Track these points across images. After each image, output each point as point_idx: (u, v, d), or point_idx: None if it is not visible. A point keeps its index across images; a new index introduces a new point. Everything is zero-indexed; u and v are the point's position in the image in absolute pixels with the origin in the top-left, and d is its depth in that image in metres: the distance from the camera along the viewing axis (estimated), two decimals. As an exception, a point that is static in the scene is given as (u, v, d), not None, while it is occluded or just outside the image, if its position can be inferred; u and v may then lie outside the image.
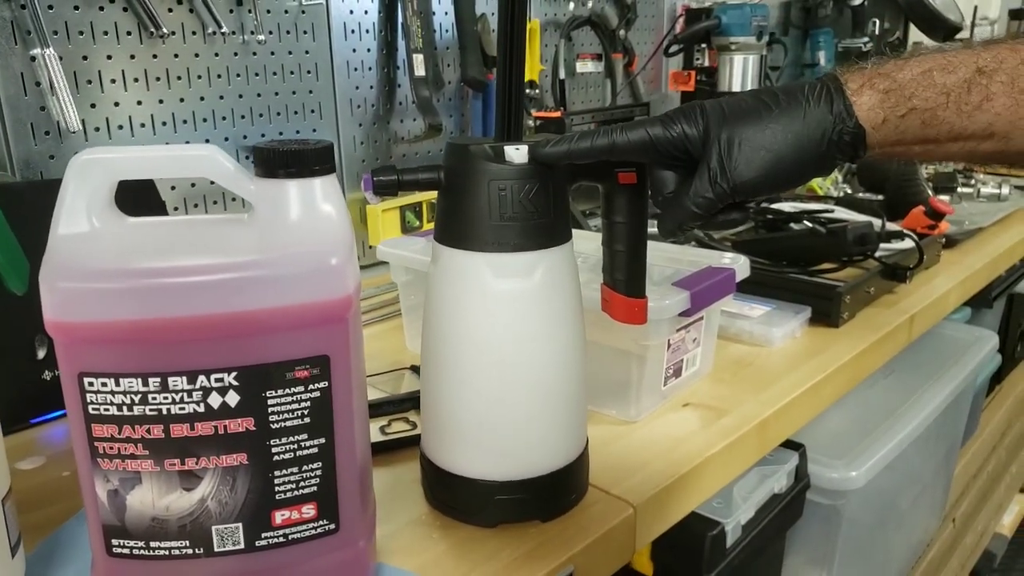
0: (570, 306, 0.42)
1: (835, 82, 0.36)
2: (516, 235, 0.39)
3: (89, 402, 0.32)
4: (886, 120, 0.36)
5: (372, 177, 0.40)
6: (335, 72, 0.87)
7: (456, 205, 0.40)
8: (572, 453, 0.44)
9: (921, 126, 0.36)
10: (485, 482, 0.42)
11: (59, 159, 0.69)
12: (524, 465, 0.42)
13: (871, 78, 0.36)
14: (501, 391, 0.41)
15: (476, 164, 0.38)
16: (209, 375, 0.33)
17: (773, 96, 0.37)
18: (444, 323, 0.41)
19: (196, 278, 0.32)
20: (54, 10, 0.67)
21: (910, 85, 0.35)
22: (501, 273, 0.39)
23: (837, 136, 0.36)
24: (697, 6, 1.20)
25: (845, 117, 0.35)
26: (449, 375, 0.42)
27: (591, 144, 0.38)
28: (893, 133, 0.36)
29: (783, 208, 0.92)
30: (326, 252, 0.34)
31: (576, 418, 0.44)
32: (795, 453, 0.64)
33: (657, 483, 0.48)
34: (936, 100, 0.35)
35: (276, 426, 0.34)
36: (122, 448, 0.33)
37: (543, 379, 0.41)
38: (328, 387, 0.34)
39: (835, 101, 0.36)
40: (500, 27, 0.38)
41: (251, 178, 0.35)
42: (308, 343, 0.34)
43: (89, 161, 0.34)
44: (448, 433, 0.43)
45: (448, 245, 0.40)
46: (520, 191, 0.38)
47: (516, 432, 0.42)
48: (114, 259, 0.33)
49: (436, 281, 0.42)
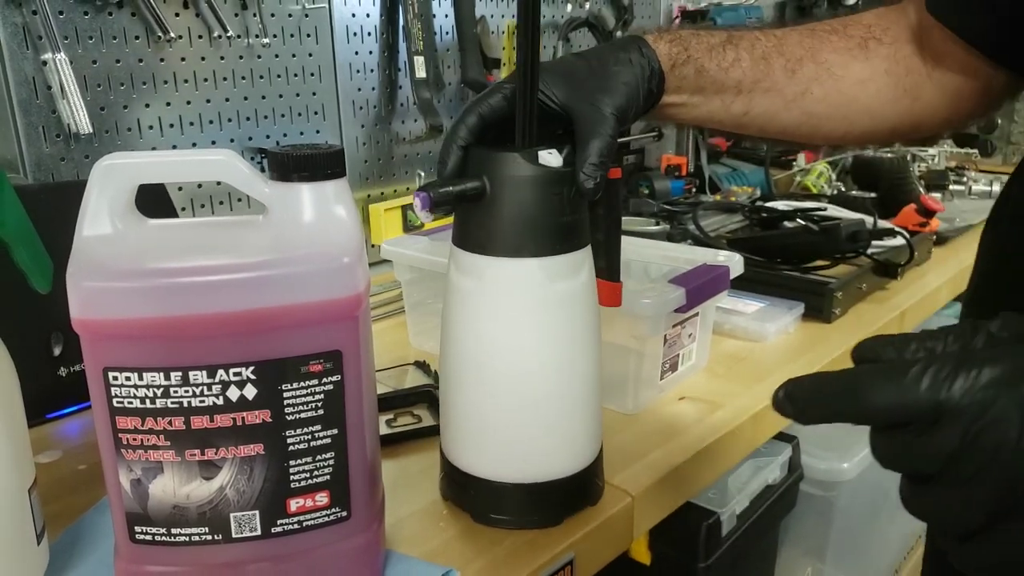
0: (596, 301, 0.43)
1: (639, 38, 0.44)
2: (567, 236, 0.40)
3: (113, 395, 0.34)
4: (675, 66, 0.44)
5: (429, 194, 0.38)
6: (338, 74, 0.88)
7: (504, 214, 0.39)
8: (597, 449, 0.45)
9: (695, 75, 0.44)
10: (547, 483, 0.42)
11: (70, 162, 0.71)
12: (575, 460, 0.43)
13: (661, 34, 0.44)
14: (549, 391, 0.41)
15: (528, 172, 0.38)
16: (228, 369, 0.34)
17: (600, 55, 0.42)
18: (493, 333, 0.41)
19: (215, 277, 0.34)
20: (64, 16, 0.69)
21: (686, 38, 0.45)
22: (555, 275, 0.40)
23: (648, 78, 0.42)
24: (693, 8, 1.22)
25: (652, 61, 0.43)
26: (493, 383, 0.41)
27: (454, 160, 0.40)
28: (677, 79, 0.44)
29: (777, 206, 0.94)
30: (338, 252, 0.36)
31: (599, 412, 0.45)
32: (788, 445, 0.66)
33: (654, 473, 0.50)
34: (703, 53, 0.44)
35: (291, 418, 0.36)
36: (145, 439, 0.35)
37: (585, 376, 0.42)
38: (340, 380, 0.36)
39: (643, 50, 0.43)
40: (519, 38, 0.38)
41: (266, 181, 0.37)
42: (321, 339, 0.35)
43: (111, 166, 0.35)
44: (492, 442, 0.42)
45: (493, 255, 0.39)
46: (570, 192, 0.39)
47: (562, 433, 0.42)
48: (136, 259, 0.35)
49: (477, 293, 0.40)
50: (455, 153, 0.40)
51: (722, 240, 0.85)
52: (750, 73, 0.45)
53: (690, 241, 0.85)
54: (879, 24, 0.47)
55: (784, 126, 0.48)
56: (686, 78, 0.44)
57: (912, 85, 0.46)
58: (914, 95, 0.46)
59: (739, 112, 0.46)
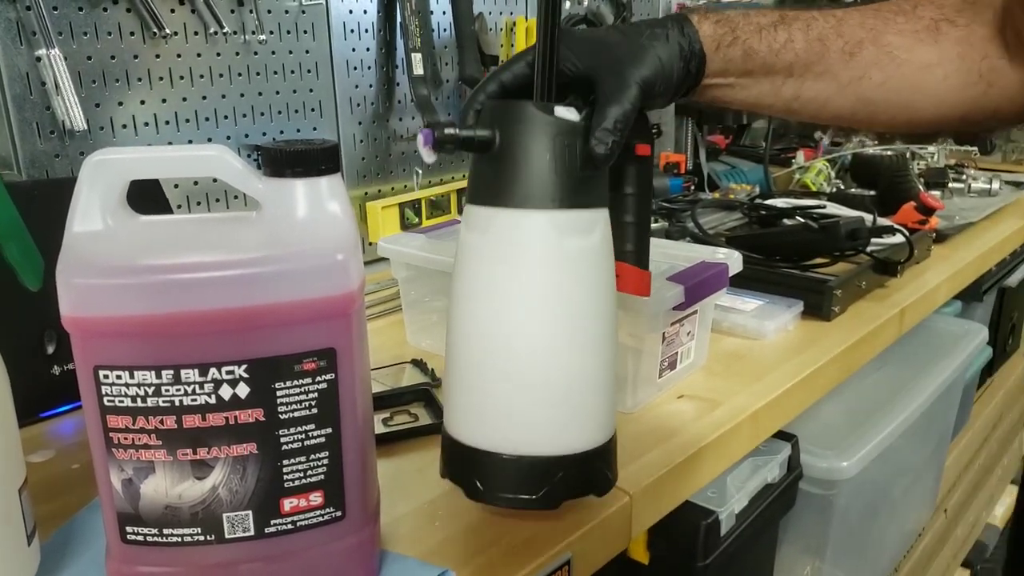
0: (612, 269, 0.41)
1: (682, 16, 0.42)
2: (580, 192, 0.38)
3: (104, 394, 0.34)
4: (719, 47, 0.42)
5: (433, 132, 0.37)
6: (335, 71, 0.88)
7: (512, 164, 0.37)
8: (608, 432, 0.42)
9: (743, 57, 0.42)
10: (552, 457, 0.39)
11: (64, 158, 0.70)
12: (583, 436, 0.40)
13: (707, 14, 0.43)
14: (554, 356, 0.38)
15: (540, 120, 0.37)
16: (220, 367, 0.34)
17: (637, 28, 0.41)
18: (496, 286, 0.38)
19: (207, 274, 0.34)
20: (59, 11, 0.68)
21: (734, 19, 0.43)
22: (565, 231, 0.37)
23: (687, 58, 0.41)
24: (692, 4, 1.21)
25: (693, 41, 0.41)
26: (494, 345, 0.38)
27: (484, 95, 0.40)
28: (722, 61, 0.42)
29: (776, 204, 0.93)
30: (332, 249, 0.35)
31: (612, 391, 0.42)
32: (787, 444, 0.66)
33: (653, 472, 0.50)
34: (752, 34, 0.42)
35: (284, 417, 0.35)
36: (136, 439, 0.34)
37: (597, 344, 0.39)
38: (334, 379, 0.36)
39: (685, 29, 0.41)
40: (540, 11, 0.37)
41: (259, 177, 0.37)
42: (315, 336, 0.35)
43: (102, 161, 0.35)
44: (495, 408, 0.39)
45: (500, 206, 0.37)
46: (582, 147, 0.37)
47: (568, 404, 0.39)
48: (127, 256, 0.34)
49: (482, 245, 0.38)
50: (471, 117, 0.40)
51: (721, 238, 0.85)
52: (803, 55, 0.43)
53: (689, 239, 0.84)
54: (954, 4, 0.44)
55: (838, 112, 0.45)
56: (732, 60, 0.42)
57: (988, 70, 0.43)
58: (989, 80, 0.43)
59: (789, 96, 0.44)
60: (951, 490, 1.16)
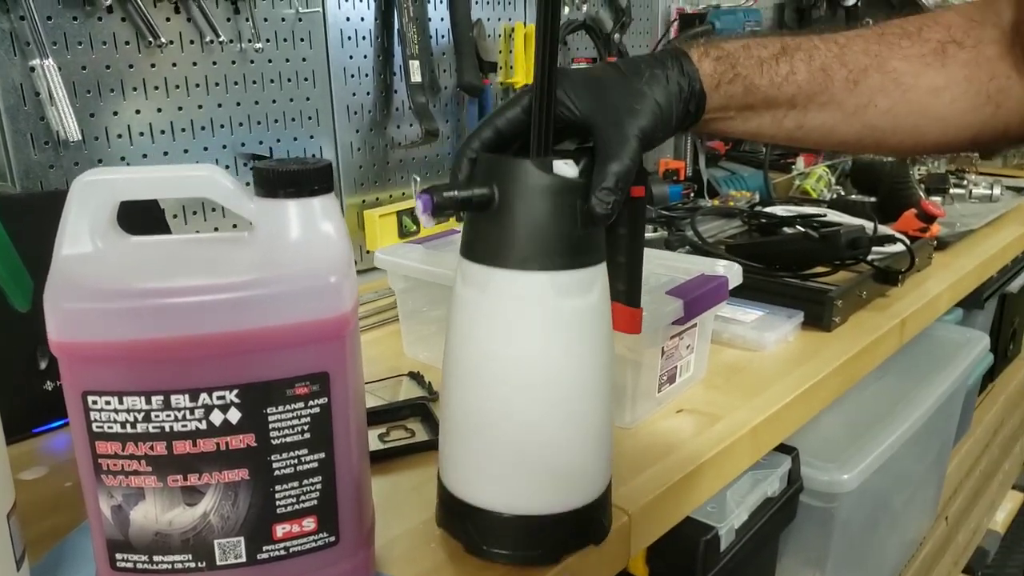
0: (610, 323, 0.41)
1: (682, 53, 0.41)
2: (580, 250, 0.37)
3: (93, 420, 0.33)
4: (719, 85, 0.41)
5: (432, 197, 0.36)
6: (332, 79, 0.87)
7: (512, 224, 0.37)
8: (604, 484, 0.42)
9: (743, 92, 0.42)
10: (551, 516, 0.39)
11: (58, 169, 0.70)
12: (582, 493, 0.40)
13: (707, 49, 0.41)
14: (554, 417, 0.39)
15: (540, 180, 0.36)
16: (211, 392, 0.33)
17: (636, 68, 0.40)
18: (494, 347, 0.38)
19: (198, 298, 0.33)
20: (52, 21, 0.67)
21: (735, 54, 0.41)
22: (565, 292, 0.37)
23: (687, 99, 0.40)
24: (692, 10, 1.21)
25: (693, 80, 0.40)
26: (494, 403, 0.38)
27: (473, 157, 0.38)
28: (723, 98, 0.41)
29: (776, 212, 0.93)
30: (325, 271, 0.35)
31: (610, 444, 0.42)
32: (788, 457, 0.65)
33: (652, 489, 0.49)
34: (753, 68, 0.41)
35: (277, 442, 0.35)
36: (126, 465, 0.34)
37: (595, 401, 0.40)
38: (327, 403, 0.35)
39: (685, 68, 0.40)
40: (537, 45, 0.36)
41: (251, 197, 0.36)
42: (308, 360, 0.34)
43: (91, 182, 0.34)
44: (493, 468, 0.39)
45: (499, 266, 0.37)
46: (583, 205, 0.37)
47: (566, 463, 0.39)
48: (117, 279, 0.34)
49: (480, 304, 0.38)
50: (466, 166, 0.38)
51: (721, 246, 0.84)
52: (806, 87, 0.42)
53: (688, 248, 0.84)
54: (961, 25, 0.43)
55: (843, 140, 0.45)
56: (733, 96, 0.42)
57: (996, 91, 0.42)
58: (997, 101, 0.43)
59: (792, 127, 0.43)
60: (952, 497, 1.16)
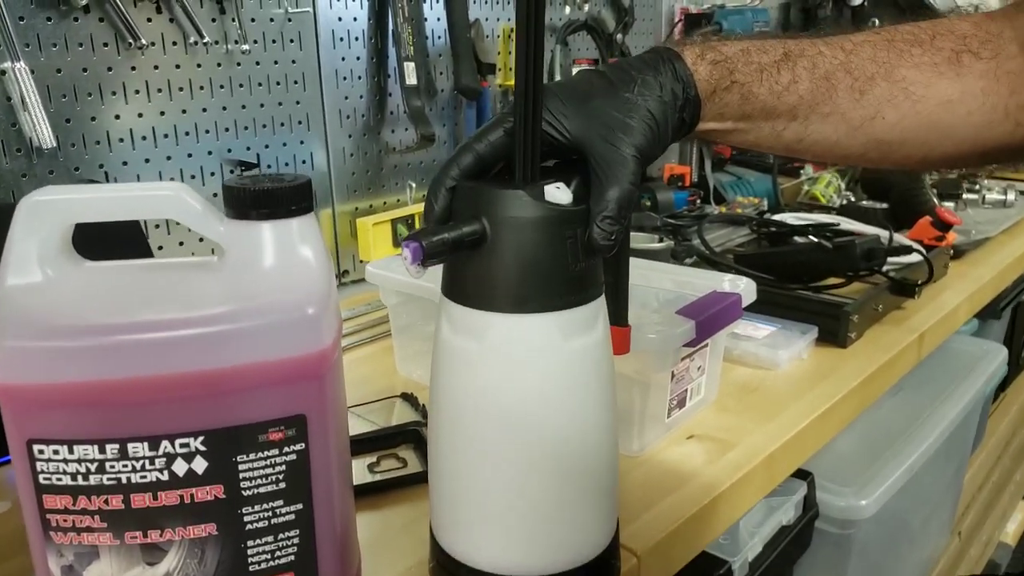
0: (612, 357, 0.37)
1: (675, 55, 0.37)
2: (582, 284, 0.34)
3: (40, 471, 0.30)
4: (715, 92, 0.37)
5: (421, 244, 0.31)
6: (323, 82, 0.83)
7: (506, 263, 0.32)
8: (613, 528, 0.39)
9: (740, 101, 0.38)
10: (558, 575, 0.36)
11: (32, 178, 0.66)
12: (590, 546, 0.37)
13: (703, 52, 0.37)
14: (561, 470, 0.35)
15: (534, 211, 0.32)
16: (173, 440, 0.30)
17: (625, 75, 0.35)
18: (495, 399, 0.34)
19: (158, 334, 0.30)
20: (25, 22, 0.64)
21: (733, 59, 0.38)
22: (569, 331, 0.33)
23: (681, 107, 0.36)
24: (696, 10, 1.17)
25: (688, 87, 0.36)
26: (494, 460, 0.35)
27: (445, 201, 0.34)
28: (718, 106, 0.38)
29: (786, 220, 0.89)
30: (302, 302, 0.31)
31: (616, 487, 0.39)
32: (803, 482, 0.62)
33: (662, 527, 0.46)
34: (752, 76, 0.38)
35: (248, 493, 0.31)
36: (77, 520, 0.30)
37: (603, 444, 0.36)
38: (305, 449, 0.32)
39: (679, 72, 0.36)
40: (519, 58, 0.32)
41: (221, 218, 0.33)
42: (282, 402, 0.31)
43: (40, 203, 0.31)
44: (493, 527, 0.36)
45: (496, 311, 0.33)
46: (583, 235, 0.33)
47: (575, 516, 0.36)
48: (69, 313, 0.30)
49: (474, 353, 0.34)
50: (443, 195, 0.34)
51: (729, 255, 0.81)
52: (808, 97, 0.39)
53: (695, 258, 0.80)
54: (977, 35, 0.40)
55: (846, 153, 0.41)
56: (729, 105, 0.38)
57: (1017, 108, 0.39)
58: (1018, 119, 0.39)
59: (791, 140, 0.40)
60: (965, 511, 1.12)
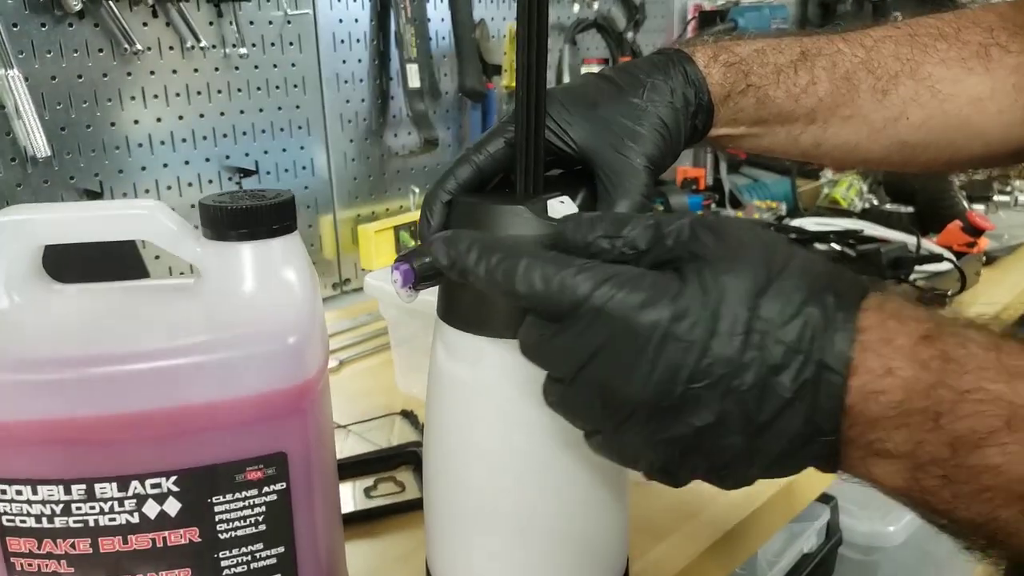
0: None
1: (686, 57, 0.35)
2: None
3: (3, 512, 0.27)
4: (729, 96, 0.35)
5: (412, 267, 0.29)
6: (324, 85, 0.81)
7: None
8: (623, 563, 0.37)
9: (756, 105, 0.36)
10: None
11: (27, 187, 0.65)
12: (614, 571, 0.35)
13: (716, 53, 0.35)
14: (566, 506, 0.33)
15: (541, 229, 0.29)
16: (143, 480, 0.28)
17: (634, 79, 0.33)
18: (494, 431, 0.32)
19: (128, 367, 0.27)
20: (19, 28, 0.62)
21: (748, 60, 0.35)
22: None
23: (694, 113, 0.34)
24: (710, 7, 1.14)
25: (701, 91, 0.34)
26: (493, 496, 0.32)
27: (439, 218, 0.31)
28: (732, 111, 0.36)
29: (806, 226, 0.86)
30: (283, 330, 0.29)
31: (626, 519, 0.37)
32: (826, 507, 0.58)
33: (676, 562, 0.43)
34: (768, 78, 0.36)
35: (225, 536, 0.29)
36: (43, 565, 0.28)
37: (610, 481, 0.34)
38: (286, 489, 0.29)
39: (690, 75, 0.34)
40: (519, 65, 0.29)
41: (198, 238, 0.30)
42: (261, 439, 0.29)
43: (7, 224, 0.29)
44: (499, 567, 0.33)
45: (495, 336, 0.30)
46: None
47: (582, 555, 0.34)
48: (34, 344, 0.28)
49: (471, 380, 0.31)
50: (439, 211, 0.31)
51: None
52: (827, 99, 0.36)
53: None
54: (1005, 27, 0.38)
55: (867, 157, 0.39)
56: (743, 109, 0.36)
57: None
58: None
59: (809, 145, 0.38)
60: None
